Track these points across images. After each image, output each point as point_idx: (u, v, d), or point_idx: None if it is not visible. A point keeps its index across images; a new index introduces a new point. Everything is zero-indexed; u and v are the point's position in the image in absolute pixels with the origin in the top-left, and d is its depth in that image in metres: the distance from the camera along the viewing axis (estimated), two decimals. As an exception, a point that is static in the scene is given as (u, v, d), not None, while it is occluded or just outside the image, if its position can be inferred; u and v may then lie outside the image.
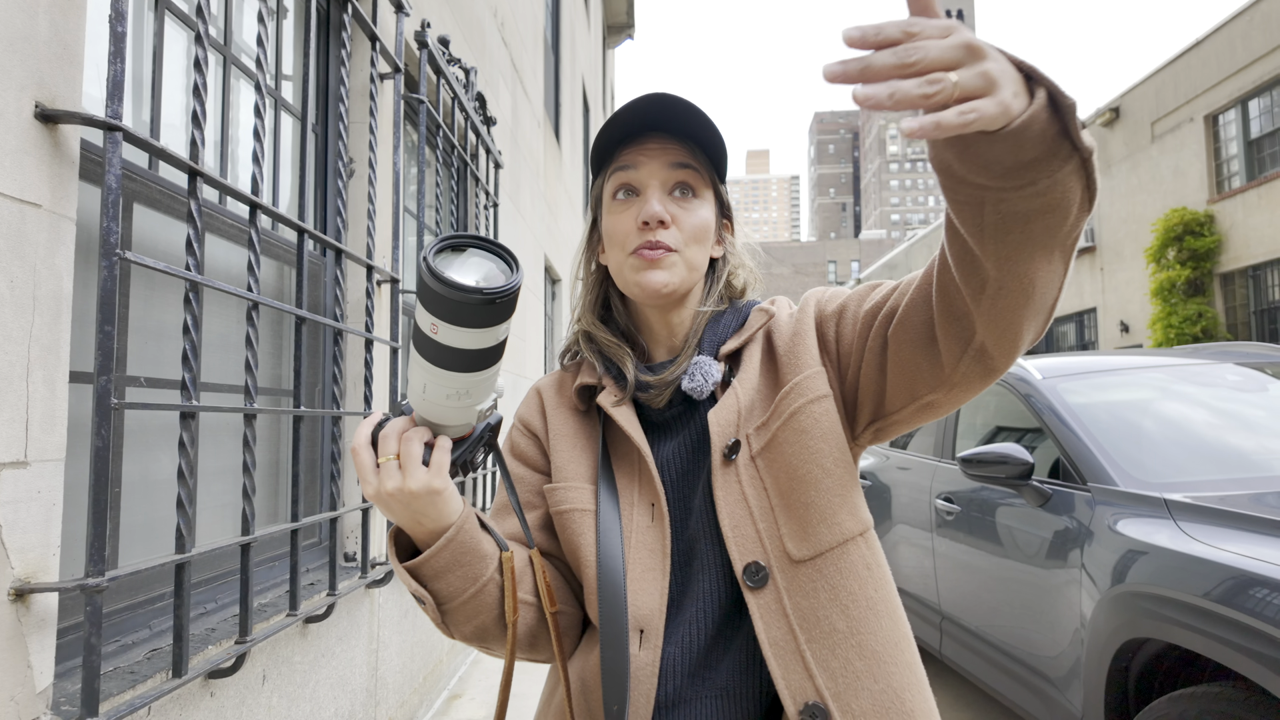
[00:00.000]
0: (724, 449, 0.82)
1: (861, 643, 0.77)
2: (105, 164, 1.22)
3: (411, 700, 2.88)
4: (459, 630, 0.79)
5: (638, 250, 0.84)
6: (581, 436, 0.91)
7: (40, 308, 1.16)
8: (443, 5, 3.35)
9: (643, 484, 0.85)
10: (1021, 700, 2.53)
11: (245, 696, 1.70)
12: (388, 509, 0.74)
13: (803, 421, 0.81)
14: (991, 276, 0.64)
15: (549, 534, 0.91)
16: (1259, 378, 2.88)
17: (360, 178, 2.46)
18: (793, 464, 0.80)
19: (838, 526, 0.80)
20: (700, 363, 0.86)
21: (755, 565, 0.78)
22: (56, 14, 1.19)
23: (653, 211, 0.83)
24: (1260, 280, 12.76)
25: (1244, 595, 1.65)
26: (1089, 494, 2.33)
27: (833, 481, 0.80)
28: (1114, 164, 16.06)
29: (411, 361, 0.71)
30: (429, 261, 0.64)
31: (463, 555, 0.76)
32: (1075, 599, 2.22)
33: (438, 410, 0.72)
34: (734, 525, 0.80)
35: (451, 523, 0.75)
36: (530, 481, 0.93)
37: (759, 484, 0.81)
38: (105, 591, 1.18)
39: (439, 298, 0.63)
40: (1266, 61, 12.29)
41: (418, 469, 0.71)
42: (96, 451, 1.18)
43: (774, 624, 0.77)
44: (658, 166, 0.85)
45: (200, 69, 1.45)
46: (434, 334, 0.65)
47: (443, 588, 0.76)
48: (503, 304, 0.64)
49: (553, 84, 7.82)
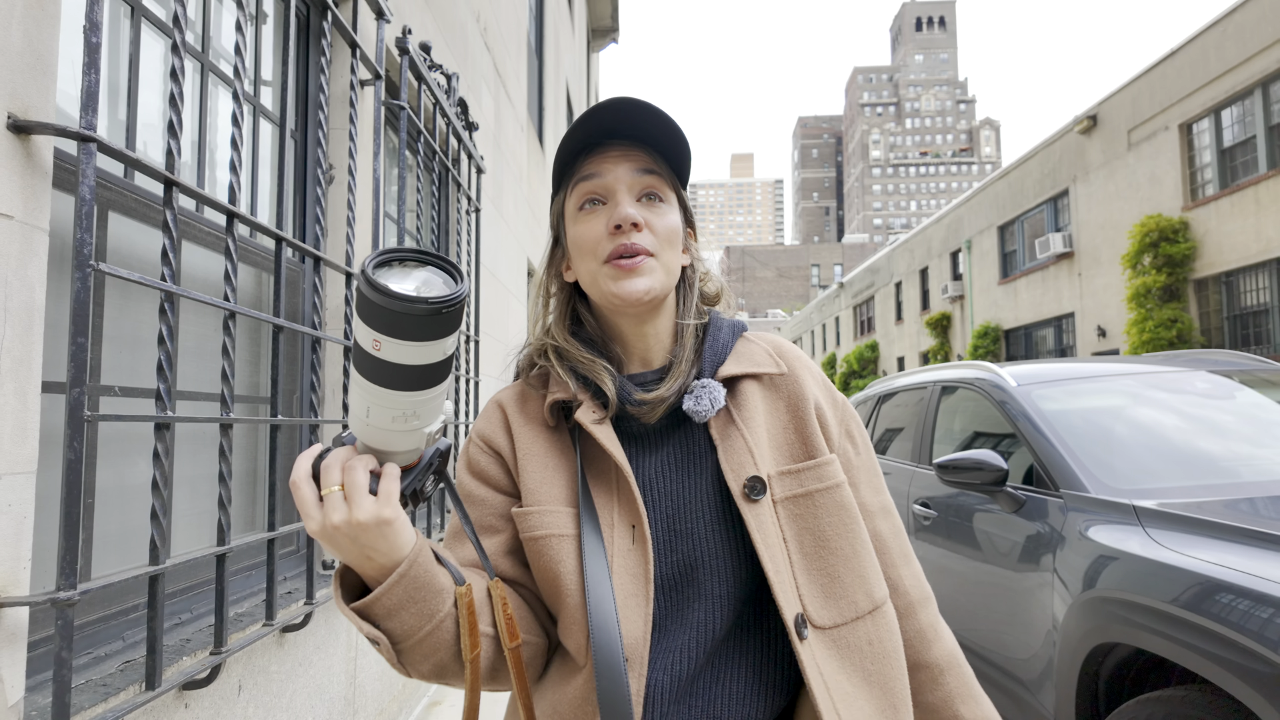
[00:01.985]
0: (744, 484, 0.81)
1: (861, 709, 0.78)
2: (79, 175, 1.21)
3: (390, 708, 2.87)
4: (416, 669, 0.75)
5: (612, 259, 0.82)
6: (554, 455, 0.86)
7: (11, 319, 1.15)
8: (424, 11, 3.35)
9: (622, 504, 0.81)
10: (995, 703, 2.56)
11: (220, 708, 1.69)
12: (334, 545, 0.68)
13: (843, 498, 0.83)
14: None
15: (515, 560, 0.86)
16: (1228, 385, 2.94)
17: (340, 184, 2.46)
18: (825, 532, 0.81)
19: (853, 604, 0.80)
20: (708, 386, 0.84)
21: (802, 619, 0.78)
22: (30, 24, 1.18)
23: (625, 214, 0.81)
24: (1233, 286, 12.99)
25: (1210, 601, 1.69)
26: (1061, 500, 2.37)
27: (859, 563, 0.82)
28: (1091, 171, 16.29)
29: (352, 385, 0.67)
30: (367, 273, 0.60)
31: (416, 591, 0.71)
32: (1048, 603, 2.25)
33: (383, 436, 0.68)
34: (776, 570, 0.78)
35: (404, 556, 0.70)
36: (493, 504, 0.87)
37: (779, 531, 0.81)
38: (77, 605, 1.18)
39: (380, 310, 0.59)
40: (1238, 72, 12.53)
41: (364, 499, 0.66)
42: (69, 464, 1.18)
43: (815, 678, 0.76)
44: (624, 172, 0.84)
45: (176, 78, 1.45)
46: (376, 350, 0.62)
47: (395, 626, 0.71)
48: (449, 314, 0.61)
49: (536, 88, 7.82)
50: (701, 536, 0.81)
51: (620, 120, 0.83)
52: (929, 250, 25.11)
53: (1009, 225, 20.04)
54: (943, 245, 24.00)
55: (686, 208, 0.92)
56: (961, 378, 3.41)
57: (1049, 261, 17.91)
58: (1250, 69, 12.31)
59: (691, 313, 0.90)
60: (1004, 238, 20.31)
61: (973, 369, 3.37)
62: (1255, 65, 12.22)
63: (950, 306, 23.60)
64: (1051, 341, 18.33)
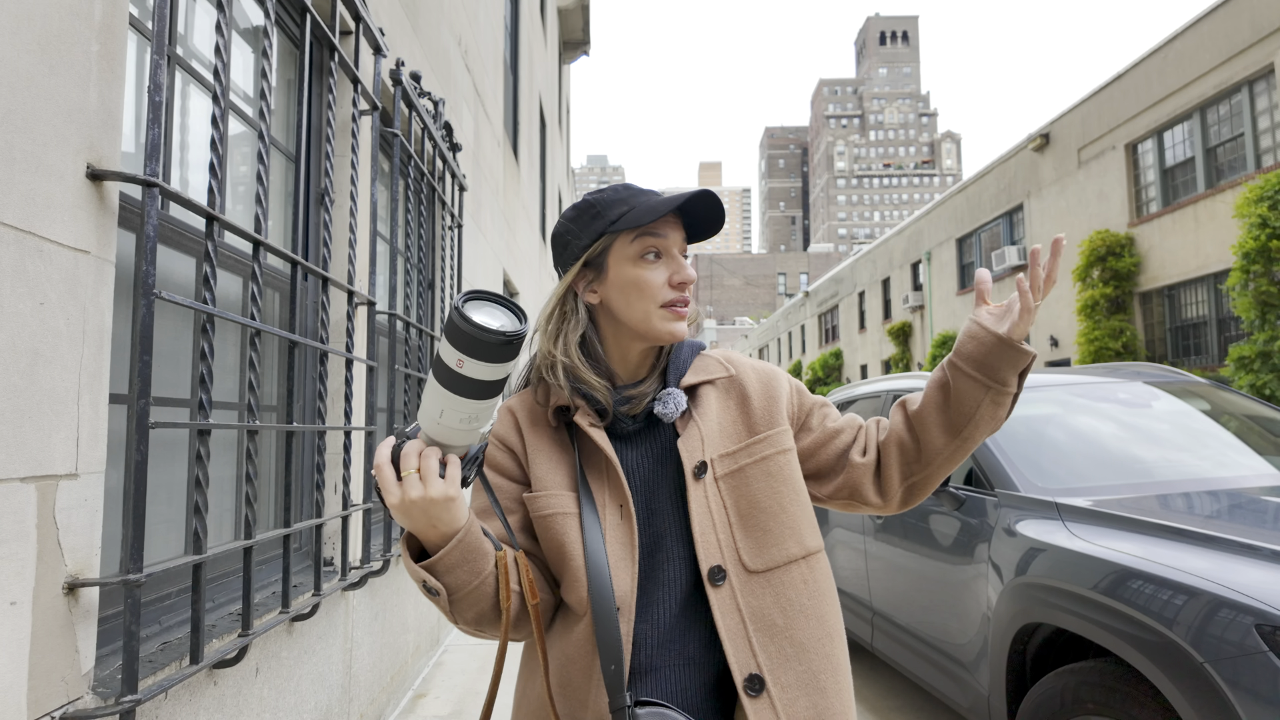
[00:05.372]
0: (693, 468, 1.02)
1: (792, 636, 0.99)
2: (144, 216, 1.40)
3: (380, 698, 3.05)
4: (462, 617, 0.94)
5: (670, 305, 1.03)
6: (556, 450, 1.06)
7: (88, 340, 1.34)
8: (412, 40, 3.55)
9: (612, 488, 1.02)
10: (940, 684, 2.83)
11: (242, 687, 1.87)
12: (408, 516, 0.86)
13: (771, 466, 1.04)
14: (941, 449, 1.10)
15: (526, 535, 1.06)
16: (1148, 393, 3.26)
17: (342, 208, 2.65)
18: (756, 495, 1.02)
19: (785, 550, 1.01)
20: (672, 393, 1.06)
21: (717, 568, 0.98)
22: (104, 86, 1.38)
23: (691, 275, 1.05)
24: (1175, 299, 13.66)
25: (1120, 587, 1.96)
26: (995, 498, 2.65)
27: (786, 517, 1.02)
28: (1045, 187, 16.96)
29: (431, 391, 0.84)
30: (461, 309, 0.79)
31: (469, 552, 0.90)
32: (982, 591, 2.52)
33: (449, 432, 0.85)
34: (702, 532, 0.99)
35: (461, 526, 0.89)
36: (508, 490, 1.06)
37: (720, 501, 1.01)
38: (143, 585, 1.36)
39: (469, 337, 0.78)
40: (1179, 96, 13.21)
41: (436, 480, 0.84)
42: (136, 465, 1.37)
43: (728, 614, 0.97)
44: (679, 239, 1.06)
45: (217, 125, 1.64)
46: (459, 368, 0.80)
47: (452, 580, 0.90)
48: (517, 344, 0.80)
49: (511, 103, 8.02)
50: (667, 511, 1.02)
51: (694, 209, 1.05)
52: (891, 261, 25.79)
53: (967, 238, 20.72)
54: (904, 256, 24.67)
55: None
56: (912, 387, 3.70)
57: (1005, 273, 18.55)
58: (1189, 93, 13.00)
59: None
60: (962, 250, 20.98)
61: (922, 380, 3.66)
62: (1194, 90, 12.91)
63: (911, 316, 24.25)
64: (1007, 351, 18.94)
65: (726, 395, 1.11)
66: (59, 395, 1.26)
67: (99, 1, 1.36)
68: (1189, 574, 1.82)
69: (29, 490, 1.19)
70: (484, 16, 5.85)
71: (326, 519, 2.31)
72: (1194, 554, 1.91)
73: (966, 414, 1.08)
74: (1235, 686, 1.59)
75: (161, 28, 1.45)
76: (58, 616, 1.26)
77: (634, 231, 1.03)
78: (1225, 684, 1.60)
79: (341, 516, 2.51)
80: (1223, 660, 1.63)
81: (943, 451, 1.10)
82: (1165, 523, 2.08)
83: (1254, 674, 1.58)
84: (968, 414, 1.08)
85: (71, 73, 1.29)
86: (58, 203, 1.26)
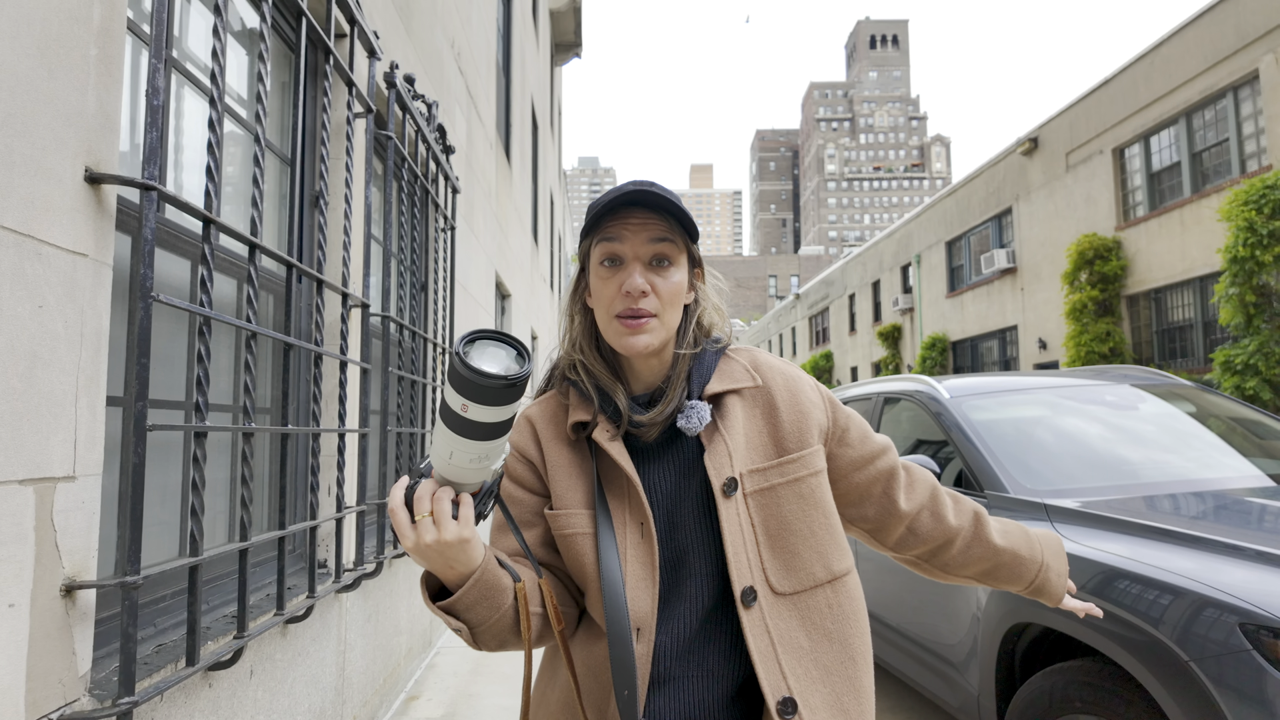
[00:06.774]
0: (723, 484, 0.98)
1: (817, 659, 0.98)
2: (142, 219, 1.41)
3: (373, 700, 3.05)
4: (486, 646, 0.94)
5: (621, 316, 0.98)
6: (575, 465, 1.04)
7: (86, 343, 1.34)
8: (405, 43, 3.56)
9: (633, 506, 0.99)
10: (931, 685, 2.85)
11: (236, 689, 1.87)
12: (425, 559, 0.86)
13: (803, 489, 1.00)
14: (957, 576, 1.23)
15: (549, 549, 1.04)
16: (1135, 396, 3.30)
17: (336, 211, 2.65)
18: (786, 517, 0.99)
19: (811, 574, 0.99)
20: (696, 406, 1.01)
21: (750, 590, 0.96)
22: (102, 89, 1.38)
23: (635, 284, 0.97)
24: (1161, 302, 13.79)
25: (1109, 587, 1.99)
26: (985, 500, 2.68)
27: (815, 540, 1.00)
28: (1033, 190, 17.09)
29: (439, 434, 0.84)
30: (462, 356, 0.78)
31: (486, 590, 0.89)
32: (972, 592, 2.55)
33: (460, 472, 0.84)
34: (734, 551, 0.96)
35: (477, 565, 0.88)
36: (528, 503, 1.05)
37: (749, 519, 0.98)
38: (140, 587, 1.37)
39: (471, 384, 0.78)
40: (1165, 101, 13.35)
41: (450, 523, 0.83)
42: (134, 467, 1.37)
43: (759, 636, 0.95)
44: (639, 242, 0.98)
45: (214, 129, 1.65)
46: (464, 412, 0.79)
47: (472, 618, 0.90)
48: (520, 386, 0.79)
49: (504, 105, 8.02)
50: (691, 528, 1.00)
51: (642, 195, 0.98)
52: (881, 264, 25.91)
53: (956, 241, 20.85)
54: (894, 259, 24.79)
55: (695, 256, 1.08)
56: (902, 390, 3.72)
57: (994, 276, 18.69)
58: (1175, 99, 13.14)
59: (687, 343, 1.06)
60: (951, 253, 21.11)
61: (912, 382, 3.69)
62: (1180, 96, 13.04)
63: (901, 318, 24.37)
64: (996, 353, 19.10)
65: (753, 406, 1.06)
66: (57, 398, 1.26)
67: (97, 5, 1.37)
68: (1175, 574, 1.85)
69: (27, 493, 1.20)
70: (477, 19, 5.86)
71: (321, 521, 2.32)
72: (1180, 554, 1.94)
73: (998, 581, 1.23)
74: (1220, 684, 1.62)
75: (159, 32, 1.46)
76: (55, 618, 1.26)
77: (597, 235, 1.02)
78: (1210, 682, 1.63)
79: (335, 519, 2.51)
80: (1207, 659, 1.66)
81: (957, 577, 1.23)
82: (1152, 524, 2.11)
83: (1238, 672, 1.60)
84: (998, 581, 1.23)
85: (70, 76, 1.30)
86: (56, 206, 1.26)
